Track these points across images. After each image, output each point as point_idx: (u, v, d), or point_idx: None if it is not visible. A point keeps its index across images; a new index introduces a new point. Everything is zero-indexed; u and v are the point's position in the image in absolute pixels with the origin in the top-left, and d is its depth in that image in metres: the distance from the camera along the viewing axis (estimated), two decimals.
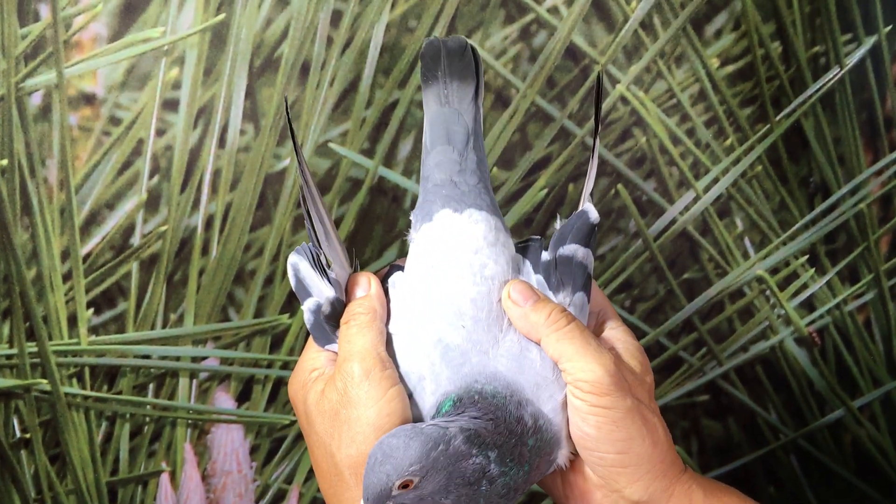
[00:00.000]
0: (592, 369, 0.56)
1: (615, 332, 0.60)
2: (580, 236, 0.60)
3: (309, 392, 0.58)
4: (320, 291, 0.59)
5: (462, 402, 0.56)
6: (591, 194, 0.60)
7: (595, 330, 0.61)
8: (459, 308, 0.58)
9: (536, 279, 0.60)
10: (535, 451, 0.56)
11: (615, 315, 0.61)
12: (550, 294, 0.59)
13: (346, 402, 0.57)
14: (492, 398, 0.56)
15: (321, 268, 0.58)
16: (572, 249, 0.59)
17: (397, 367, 0.58)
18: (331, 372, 0.58)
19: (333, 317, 0.59)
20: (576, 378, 0.57)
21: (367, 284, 0.59)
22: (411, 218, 0.61)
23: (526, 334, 0.58)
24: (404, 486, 0.54)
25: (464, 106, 0.61)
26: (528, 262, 0.60)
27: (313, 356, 0.59)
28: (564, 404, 0.57)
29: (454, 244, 0.59)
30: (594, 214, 0.60)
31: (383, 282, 0.60)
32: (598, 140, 0.60)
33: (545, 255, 0.60)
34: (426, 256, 0.60)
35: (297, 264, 0.59)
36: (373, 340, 0.57)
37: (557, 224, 0.61)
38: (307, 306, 0.59)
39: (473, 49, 0.61)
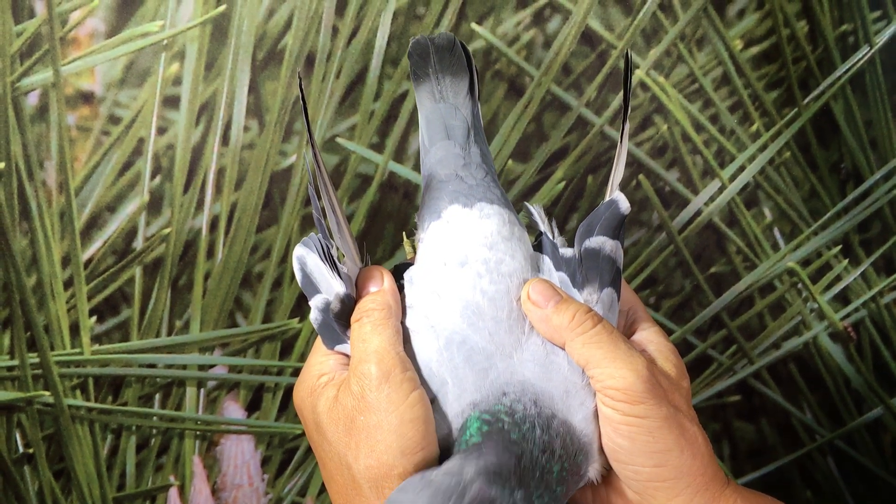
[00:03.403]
0: (623, 375, 0.54)
1: (647, 333, 0.58)
2: (609, 227, 0.57)
3: (319, 399, 0.56)
4: (329, 287, 0.56)
5: (491, 426, 0.53)
6: (620, 183, 0.59)
7: (625, 331, 0.59)
8: (478, 307, 0.56)
9: (559, 277, 0.57)
10: (561, 477, 0.54)
11: (646, 314, 0.59)
12: (575, 293, 0.57)
13: (364, 408, 0.54)
14: (521, 423, 0.54)
15: (331, 261, 0.56)
16: (600, 242, 0.57)
17: (416, 369, 0.55)
18: (343, 376, 0.56)
19: (343, 315, 0.57)
20: (605, 385, 0.54)
21: (380, 279, 0.57)
22: (416, 220, 0.59)
23: (549, 338, 0.56)
24: None
25: (459, 100, 0.60)
26: (547, 259, 0.58)
27: (321, 360, 0.57)
28: (596, 413, 0.55)
29: (466, 240, 0.58)
30: (625, 204, 0.58)
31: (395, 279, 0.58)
32: (627, 124, 0.59)
33: (568, 251, 0.57)
34: (437, 254, 0.58)
35: (304, 257, 0.56)
36: (390, 339, 0.55)
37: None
38: (315, 304, 0.57)
39: (463, 44, 0.60)
